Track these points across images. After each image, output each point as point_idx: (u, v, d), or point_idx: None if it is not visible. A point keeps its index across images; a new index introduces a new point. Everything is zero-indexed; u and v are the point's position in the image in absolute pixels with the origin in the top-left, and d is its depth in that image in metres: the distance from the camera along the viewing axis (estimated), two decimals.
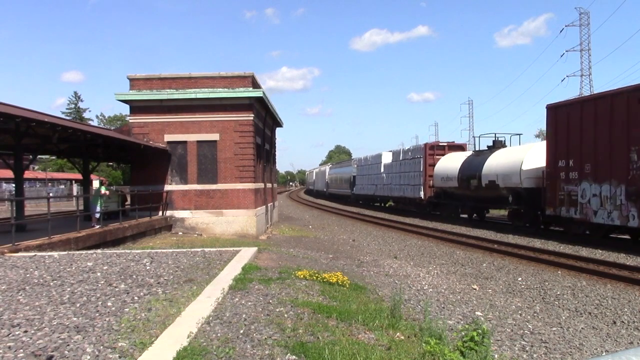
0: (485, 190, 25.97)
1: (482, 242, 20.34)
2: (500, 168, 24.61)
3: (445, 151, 33.16)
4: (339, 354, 5.10)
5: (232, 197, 23.18)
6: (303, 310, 6.88)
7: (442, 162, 31.67)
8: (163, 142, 23.16)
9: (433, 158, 32.94)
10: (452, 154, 31.96)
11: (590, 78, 62.04)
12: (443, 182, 30.61)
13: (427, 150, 33.60)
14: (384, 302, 9.07)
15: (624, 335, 8.84)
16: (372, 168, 45.13)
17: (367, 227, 29.28)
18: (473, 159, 28.20)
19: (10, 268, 9.71)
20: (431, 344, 5.67)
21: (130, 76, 23.54)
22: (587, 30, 62.27)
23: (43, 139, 17.55)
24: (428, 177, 32.69)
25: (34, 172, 65.19)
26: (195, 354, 4.83)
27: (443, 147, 34.03)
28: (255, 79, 24.29)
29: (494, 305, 10.82)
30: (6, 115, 12.31)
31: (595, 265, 14.57)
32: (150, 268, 9.87)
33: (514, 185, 23.39)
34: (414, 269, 15.26)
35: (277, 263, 11.73)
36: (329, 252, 18.12)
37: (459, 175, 28.41)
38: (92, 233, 15.39)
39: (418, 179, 33.98)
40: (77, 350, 4.97)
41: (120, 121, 72.07)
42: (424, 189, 33.07)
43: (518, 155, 23.92)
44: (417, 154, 34.73)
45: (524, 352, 7.79)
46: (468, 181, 27.40)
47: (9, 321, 5.97)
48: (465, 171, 27.92)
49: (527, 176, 22.54)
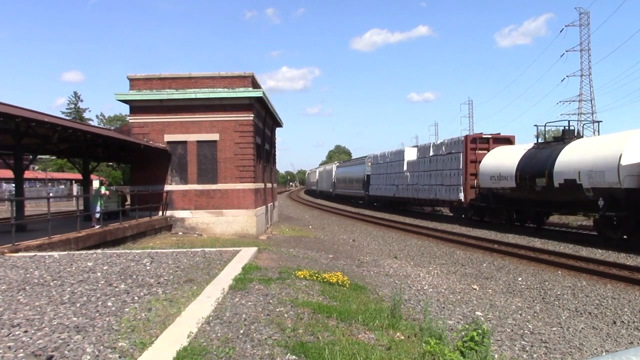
0: (559, 192, 20.75)
1: (482, 242, 20.34)
2: (584, 163, 19.43)
3: (490, 145, 28.00)
4: (339, 354, 5.10)
5: (232, 197, 23.18)
6: (303, 310, 6.88)
7: (491, 158, 26.29)
8: (163, 142, 23.16)
9: (475, 153, 27.83)
10: (503, 148, 26.80)
11: (590, 78, 62.22)
12: (493, 182, 25.26)
13: (468, 144, 28.25)
14: (384, 302, 9.07)
15: (624, 335, 8.84)
16: (392, 166, 40.04)
17: (367, 227, 29.28)
18: (536, 153, 22.97)
19: (10, 268, 9.70)
20: (431, 344, 5.67)
21: (130, 76, 23.55)
22: (587, 30, 62.43)
23: (43, 139, 17.55)
24: (469, 176, 27.76)
25: (34, 172, 65.22)
26: (195, 354, 4.83)
27: (487, 140, 28.54)
28: (255, 79, 24.29)
29: (494, 305, 10.83)
30: (6, 115, 12.31)
31: (595, 265, 14.57)
32: (150, 268, 9.88)
33: (607, 185, 18.32)
34: (414, 269, 15.26)
35: (277, 263, 11.74)
36: (329, 252, 18.12)
37: (518, 173, 23.26)
38: (92, 233, 15.39)
39: (456, 178, 28.93)
40: (77, 350, 4.97)
41: (120, 121, 72.08)
42: (464, 189, 28.00)
43: (613, 146, 18.60)
44: (454, 149, 29.59)
45: (524, 352, 7.79)
46: (532, 180, 22.20)
47: (9, 321, 5.97)
48: (527, 168, 22.77)
49: (630, 173, 17.53)
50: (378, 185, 43.46)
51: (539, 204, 22.95)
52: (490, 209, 26.27)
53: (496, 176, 25.03)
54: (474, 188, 27.61)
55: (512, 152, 25.25)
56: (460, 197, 28.34)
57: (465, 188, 27.98)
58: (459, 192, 28.35)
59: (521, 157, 23.67)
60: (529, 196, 22.94)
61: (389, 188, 40.54)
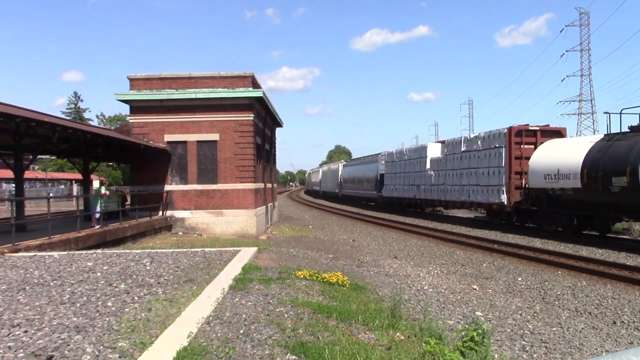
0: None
1: (482, 242, 20.33)
2: None
3: (537, 138, 24.06)
4: (339, 354, 5.10)
5: (232, 197, 23.18)
6: (303, 310, 6.88)
7: (544, 153, 22.29)
8: (163, 142, 23.16)
9: (520, 148, 24.07)
10: (558, 142, 22.81)
11: (590, 78, 62.25)
12: (548, 181, 21.29)
13: (512, 137, 24.25)
14: (384, 302, 9.07)
15: (624, 335, 8.84)
16: (411, 164, 36.35)
17: (367, 227, 29.27)
18: (610, 147, 18.99)
19: (10, 268, 9.70)
20: (431, 344, 5.67)
21: (130, 76, 23.54)
22: (587, 30, 62.40)
23: (43, 139, 17.55)
24: (514, 175, 24.04)
25: (34, 172, 65.20)
26: (195, 354, 4.83)
27: (534, 133, 24.43)
28: (255, 79, 24.29)
29: (494, 305, 10.82)
30: (6, 115, 12.31)
31: (595, 265, 14.57)
32: (150, 268, 9.87)
33: None
34: (414, 269, 15.26)
35: (277, 263, 11.73)
36: (329, 252, 18.12)
37: (585, 171, 19.51)
38: (92, 233, 15.38)
39: (496, 177, 24.99)
40: (77, 350, 4.97)
41: (120, 121, 72.06)
42: (507, 190, 24.13)
43: None
44: (494, 143, 25.54)
45: (524, 352, 7.79)
46: (606, 180, 18.46)
47: (9, 321, 5.97)
48: (598, 165, 18.94)
49: None
50: (394, 185, 39.69)
51: (614, 208, 18.87)
52: (544, 213, 21.91)
53: (553, 175, 21.01)
54: (520, 189, 23.74)
55: (573, 145, 21.35)
56: (502, 199, 24.39)
57: (508, 189, 24.11)
58: (501, 194, 24.45)
59: (588, 152, 19.71)
60: (601, 199, 18.88)
61: (407, 188, 36.98)
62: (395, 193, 39.23)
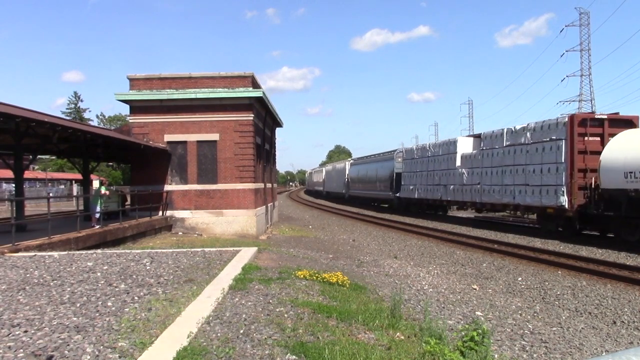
0: None
1: (482, 242, 20.33)
2: None
3: (605, 129, 20.22)
4: (339, 354, 5.10)
5: (232, 197, 23.18)
6: (303, 310, 6.88)
7: (622, 147, 18.20)
8: (163, 142, 23.16)
9: (584, 141, 20.10)
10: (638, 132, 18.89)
11: (590, 78, 62.12)
12: (632, 180, 17.33)
13: (575, 127, 20.11)
14: (384, 302, 9.07)
15: (624, 335, 8.84)
16: (436, 161, 32.20)
17: (367, 227, 29.27)
18: None
19: (10, 268, 9.70)
20: (431, 344, 5.67)
21: (130, 76, 23.55)
22: (587, 30, 62.31)
23: (43, 139, 17.55)
24: (577, 173, 19.93)
25: (34, 172, 65.21)
26: (195, 353, 4.83)
27: (601, 123, 20.47)
28: (255, 79, 24.29)
29: (494, 305, 10.82)
30: (6, 115, 12.31)
31: (595, 265, 14.57)
32: (150, 268, 9.87)
33: None
34: (414, 269, 15.26)
35: (277, 263, 11.73)
36: (329, 252, 18.12)
37: None
38: (92, 233, 15.39)
39: (553, 176, 20.95)
40: (77, 350, 4.97)
41: (120, 121, 72.08)
42: (568, 192, 20.05)
43: None
44: (550, 135, 21.36)
45: (524, 352, 7.79)
46: None
47: (9, 321, 5.97)
48: None
49: None
50: (413, 185, 35.48)
51: None
52: (624, 219, 17.89)
53: (637, 172, 17.18)
54: (586, 189, 19.76)
55: None
56: (561, 201, 20.28)
57: (570, 189, 19.98)
58: (560, 196, 20.35)
59: None
60: None
61: (431, 189, 32.69)
62: (415, 194, 35.07)
